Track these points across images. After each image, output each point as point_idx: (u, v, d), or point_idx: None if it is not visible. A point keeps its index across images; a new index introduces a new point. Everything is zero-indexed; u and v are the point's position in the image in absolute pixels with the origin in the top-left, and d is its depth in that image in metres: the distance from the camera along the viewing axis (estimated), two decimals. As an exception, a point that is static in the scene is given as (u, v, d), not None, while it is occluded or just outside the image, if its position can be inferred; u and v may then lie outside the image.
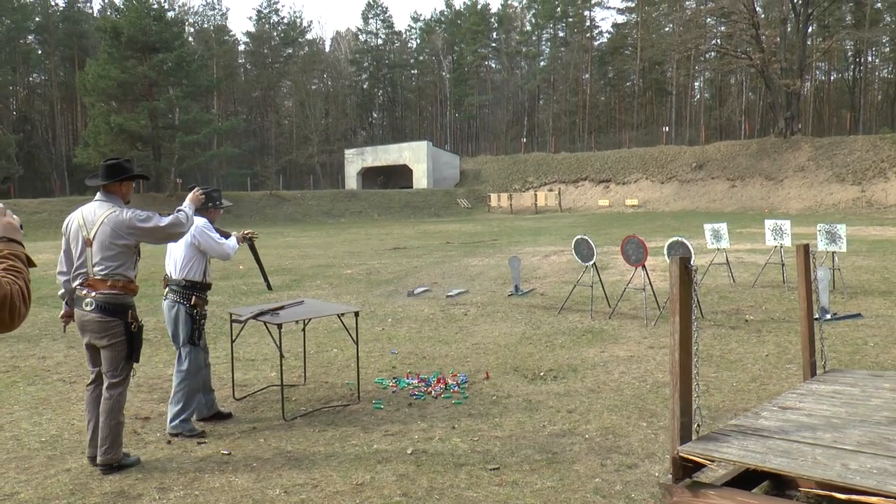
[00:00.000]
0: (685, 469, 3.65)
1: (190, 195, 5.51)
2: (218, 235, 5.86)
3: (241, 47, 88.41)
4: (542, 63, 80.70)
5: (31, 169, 62.91)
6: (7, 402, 6.78)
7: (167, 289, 5.83)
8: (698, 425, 3.78)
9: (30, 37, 71.85)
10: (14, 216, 2.37)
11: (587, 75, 76.89)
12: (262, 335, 9.12)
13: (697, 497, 3.56)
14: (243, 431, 5.71)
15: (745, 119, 65.47)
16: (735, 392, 6.40)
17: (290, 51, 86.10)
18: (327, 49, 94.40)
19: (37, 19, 71.82)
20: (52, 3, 75.81)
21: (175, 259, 5.79)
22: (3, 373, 7.93)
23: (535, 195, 50.04)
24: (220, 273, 15.86)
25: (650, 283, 10.13)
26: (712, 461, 3.59)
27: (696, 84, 74.49)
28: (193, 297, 5.72)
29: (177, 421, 5.61)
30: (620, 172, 51.49)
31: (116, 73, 47.57)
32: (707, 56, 59.34)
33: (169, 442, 5.51)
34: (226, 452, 5.25)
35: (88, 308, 4.80)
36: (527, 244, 23.15)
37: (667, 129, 60.72)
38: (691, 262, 3.70)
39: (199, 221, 5.77)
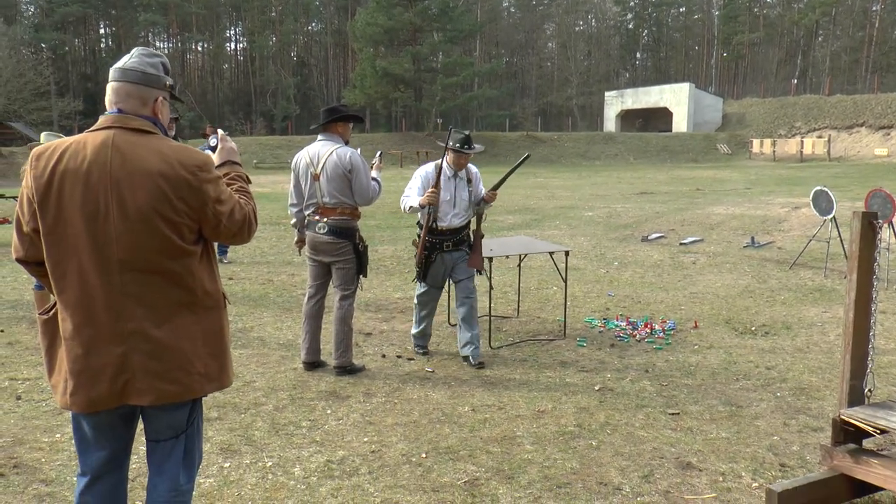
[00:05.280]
0: (846, 433, 3.55)
1: (377, 163, 5.78)
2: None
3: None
4: (823, -7, 73.14)
5: (305, 108, 68.96)
6: (259, 307, 7.96)
7: None
8: (870, 390, 3.65)
9: (311, -12, 78.40)
10: (232, 142, 2.82)
11: (877, 6, 68.17)
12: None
13: (858, 464, 3.43)
14: (451, 354, 6.23)
15: None
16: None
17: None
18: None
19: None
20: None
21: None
22: (260, 285, 9.26)
23: (802, 142, 46.11)
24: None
25: (901, 242, 9.33)
26: (876, 429, 3.46)
27: None
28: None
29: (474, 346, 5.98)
30: (906, 118, 45.72)
31: (384, 20, 50.35)
32: None
33: (383, 356, 6.18)
34: (429, 370, 5.80)
35: (322, 232, 5.47)
36: (780, 194, 21.76)
37: (973, 68, 52.81)
38: (878, 219, 3.55)
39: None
